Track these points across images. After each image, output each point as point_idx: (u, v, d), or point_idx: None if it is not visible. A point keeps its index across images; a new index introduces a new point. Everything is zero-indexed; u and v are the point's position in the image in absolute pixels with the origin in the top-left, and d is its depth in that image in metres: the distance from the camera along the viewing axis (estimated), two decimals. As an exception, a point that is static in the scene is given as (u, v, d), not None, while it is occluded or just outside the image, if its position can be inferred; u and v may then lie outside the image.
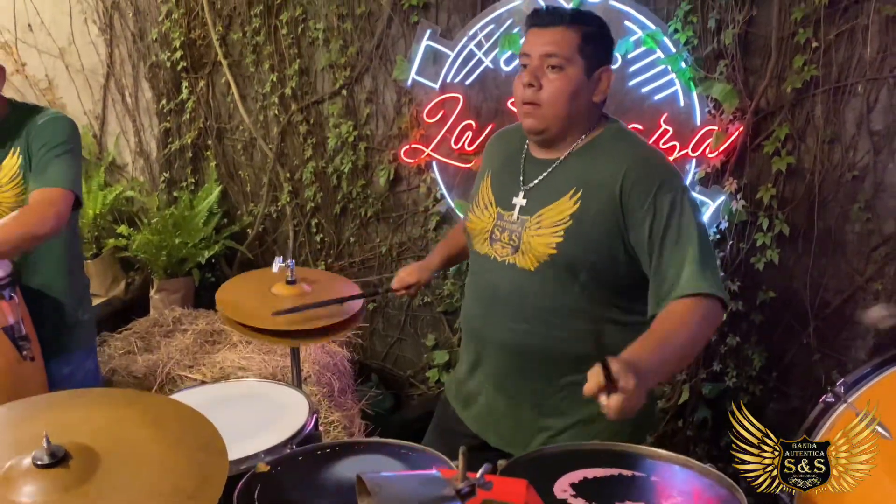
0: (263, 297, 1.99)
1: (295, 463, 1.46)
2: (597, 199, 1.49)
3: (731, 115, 2.53)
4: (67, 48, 3.53)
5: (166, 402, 1.35)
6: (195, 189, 3.48)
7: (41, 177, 1.84)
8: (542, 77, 1.50)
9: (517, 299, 1.56)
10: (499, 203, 1.62)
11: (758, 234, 2.59)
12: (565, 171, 1.55)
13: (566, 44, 1.48)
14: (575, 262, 1.50)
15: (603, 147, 1.54)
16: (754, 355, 2.70)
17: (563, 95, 1.49)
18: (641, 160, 1.50)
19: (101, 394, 1.38)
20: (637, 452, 1.43)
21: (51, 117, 1.93)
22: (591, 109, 1.55)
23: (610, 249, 1.50)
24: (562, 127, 1.53)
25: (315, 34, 3.06)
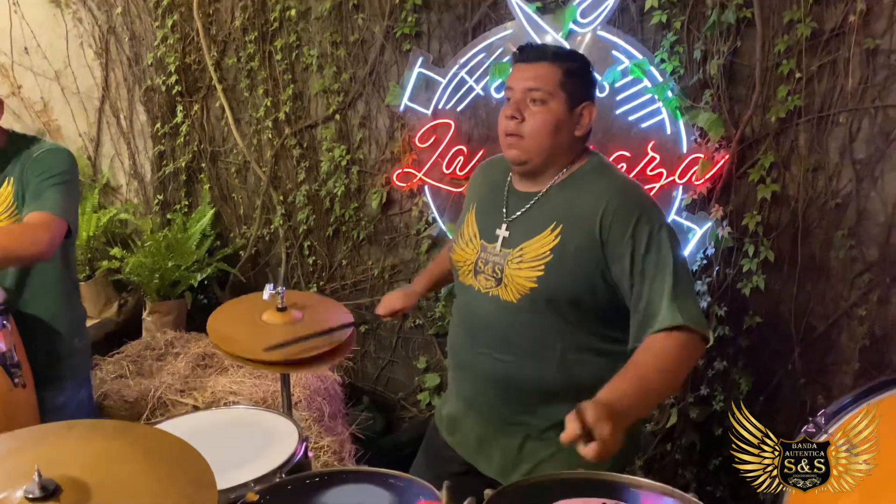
0: (254, 325, 2.00)
1: (284, 492, 1.48)
2: (577, 233, 1.53)
3: (717, 143, 2.58)
4: (63, 71, 3.57)
5: (156, 433, 1.36)
6: (189, 211, 3.51)
7: (36, 202, 1.86)
8: (525, 110, 1.54)
9: (501, 331, 1.59)
10: (482, 235, 1.66)
11: (744, 260, 2.63)
12: (546, 204, 1.58)
13: (549, 79, 1.52)
14: (556, 296, 1.53)
15: (583, 181, 1.58)
16: (741, 379, 2.73)
17: (546, 128, 1.53)
18: (619, 195, 1.53)
19: (91, 425, 1.39)
20: (623, 482, 1.45)
21: (48, 148, 1.95)
22: (573, 143, 1.59)
23: (590, 282, 1.53)
24: (543, 159, 1.56)
25: (309, 60, 3.10)
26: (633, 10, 2.62)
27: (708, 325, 1.56)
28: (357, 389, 3.36)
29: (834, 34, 2.39)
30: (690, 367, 1.51)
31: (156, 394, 2.45)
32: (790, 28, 2.41)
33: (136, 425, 1.41)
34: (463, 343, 1.69)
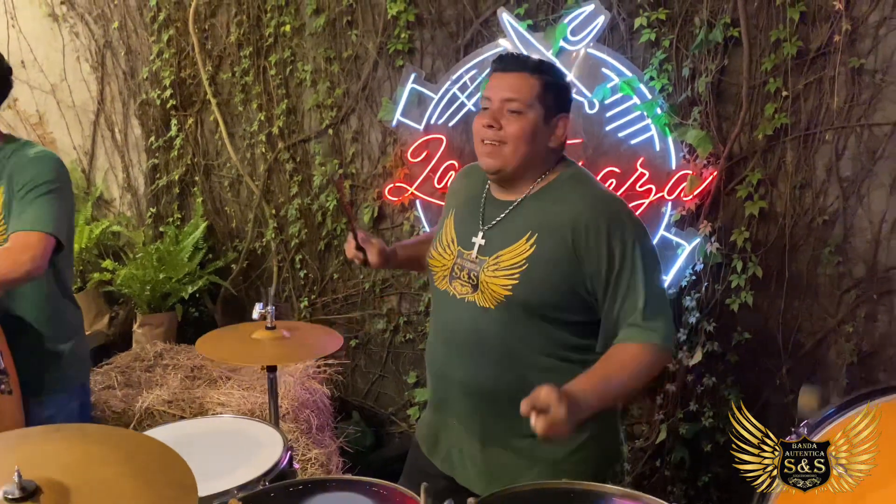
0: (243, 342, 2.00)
1: (267, 499, 1.48)
2: (551, 243, 1.54)
3: (706, 160, 2.60)
4: (59, 85, 3.59)
5: (140, 438, 1.37)
6: (181, 224, 3.52)
7: (19, 219, 1.82)
8: (502, 119, 1.56)
9: (477, 338, 1.60)
10: (460, 242, 1.67)
11: (732, 276, 2.64)
12: (522, 213, 1.60)
13: (527, 90, 1.54)
14: (530, 303, 1.55)
15: (558, 191, 1.60)
16: (730, 396, 2.73)
17: (522, 137, 1.55)
18: (592, 207, 1.55)
19: (75, 429, 1.39)
20: (605, 492, 1.46)
21: (35, 156, 1.90)
22: (548, 154, 1.61)
23: (564, 291, 1.55)
24: (518, 167, 1.58)
25: (303, 75, 3.13)
26: (622, 28, 2.66)
27: (675, 338, 1.60)
28: (347, 404, 3.35)
29: (820, 53, 2.43)
30: (652, 377, 1.56)
31: (143, 404, 2.44)
32: (777, 47, 2.46)
33: (120, 430, 1.41)
34: (440, 350, 1.69)
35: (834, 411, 1.53)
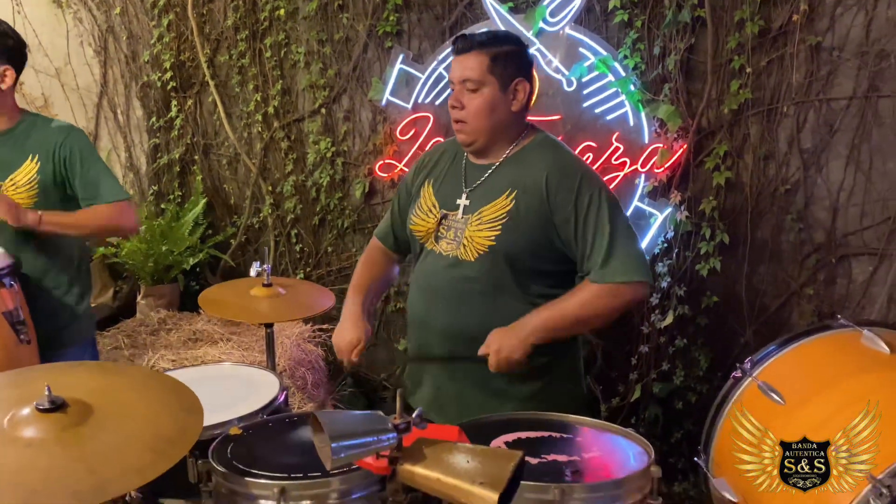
0: (242, 298, 2.17)
1: (265, 428, 1.65)
2: (528, 197, 1.72)
3: (676, 133, 2.77)
4: (63, 68, 3.74)
5: (153, 373, 1.54)
6: (182, 202, 3.67)
7: (104, 191, 2.12)
8: (464, 97, 1.74)
9: (458, 287, 1.78)
10: (443, 206, 1.84)
11: (701, 244, 2.81)
12: (501, 174, 1.78)
13: (477, 67, 1.72)
14: (511, 252, 1.72)
15: (531, 154, 1.78)
16: (700, 356, 2.90)
17: (482, 111, 1.73)
18: (561, 164, 1.75)
19: (94, 365, 1.56)
20: (568, 421, 1.63)
21: (68, 132, 2.14)
22: (513, 119, 1.78)
23: (542, 241, 1.73)
24: (488, 137, 1.77)
25: (297, 57, 3.29)
26: (597, 9, 2.81)
27: (646, 270, 1.75)
28: (341, 370, 3.51)
29: (780, 32, 2.59)
30: (619, 311, 1.74)
31: (149, 363, 2.60)
32: (740, 27, 2.61)
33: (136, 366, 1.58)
34: (421, 302, 1.87)
35: (774, 348, 1.71)
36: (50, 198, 2.11)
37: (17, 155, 2.08)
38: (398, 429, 1.18)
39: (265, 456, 1.49)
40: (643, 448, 1.48)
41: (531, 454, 1.44)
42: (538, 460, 1.42)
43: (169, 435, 1.30)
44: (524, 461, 1.16)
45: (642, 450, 1.48)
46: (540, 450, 1.47)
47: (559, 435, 1.56)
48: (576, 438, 1.55)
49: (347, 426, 1.15)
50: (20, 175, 2.07)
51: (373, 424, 1.17)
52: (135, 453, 1.24)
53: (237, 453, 1.50)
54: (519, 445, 1.50)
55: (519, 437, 1.54)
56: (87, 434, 1.26)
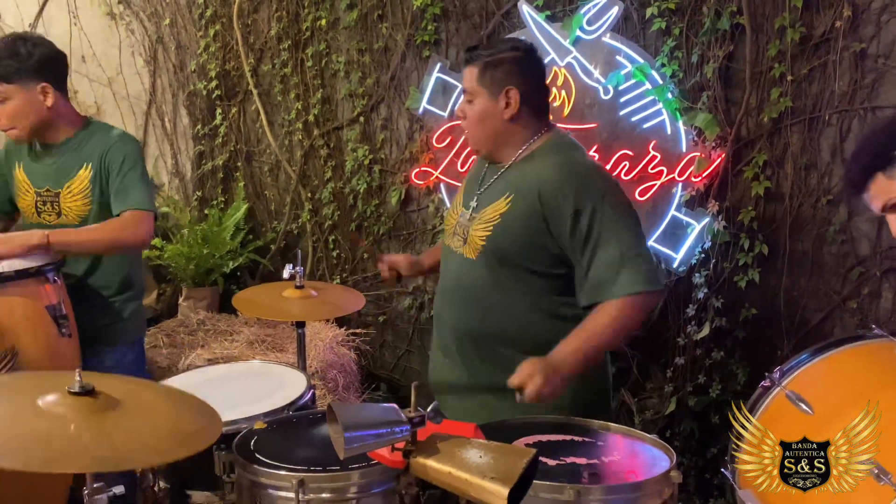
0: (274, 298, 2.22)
1: (289, 423, 1.67)
2: (523, 201, 1.72)
3: (714, 142, 2.73)
4: (115, 78, 3.89)
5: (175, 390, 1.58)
6: (225, 207, 3.77)
7: (127, 198, 2.10)
8: (466, 110, 1.78)
9: (462, 284, 1.82)
10: (463, 204, 1.89)
11: (739, 255, 2.76)
12: (506, 177, 1.80)
13: (470, 79, 1.76)
14: (500, 253, 1.74)
15: (537, 157, 1.77)
16: (738, 370, 2.84)
17: (474, 121, 1.77)
18: (560, 170, 1.70)
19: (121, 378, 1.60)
20: (591, 425, 1.62)
21: (122, 139, 2.19)
22: (510, 125, 1.76)
23: (534, 246, 1.72)
24: (488, 145, 1.80)
25: (337, 66, 3.35)
26: (635, 17, 2.80)
27: (658, 278, 1.71)
28: (375, 377, 3.55)
29: (823, 39, 2.54)
30: (638, 322, 1.73)
31: (185, 361, 2.67)
32: (781, 34, 2.57)
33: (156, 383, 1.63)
34: (440, 299, 1.92)
35: (805, 357, 1.66)
36: (103, 205, 2.15)
37: (73, 163, 2.14)
38: (412, 422, 1.19)
39: (287, 450, 1.51)
40: (665, 453, 1.46)
41: (550, 456, 1.43)
42: (556, 462, 1.41)
43: (189, 430, 1.33)
44: (537, 459, 1.15)
45: (664, 455, 1.46)
46: (559, 452, 1.46)
47: (581, 439, 1.55)
48: (597, 442, 1.53)
49: (361, 417, 1.16)
50: (75, 183, 2.14)
51: (387, 416, 1.18)
52: (156, 438, 1.28)
53: (260, 446, 1.53)
54: (538, 447, 1.48)
55: (539, 440, 1.54)
56: (113, 419, 1.30)
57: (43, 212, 2.16)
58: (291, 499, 1.36)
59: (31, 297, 1.95)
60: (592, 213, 1.66)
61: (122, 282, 2.26)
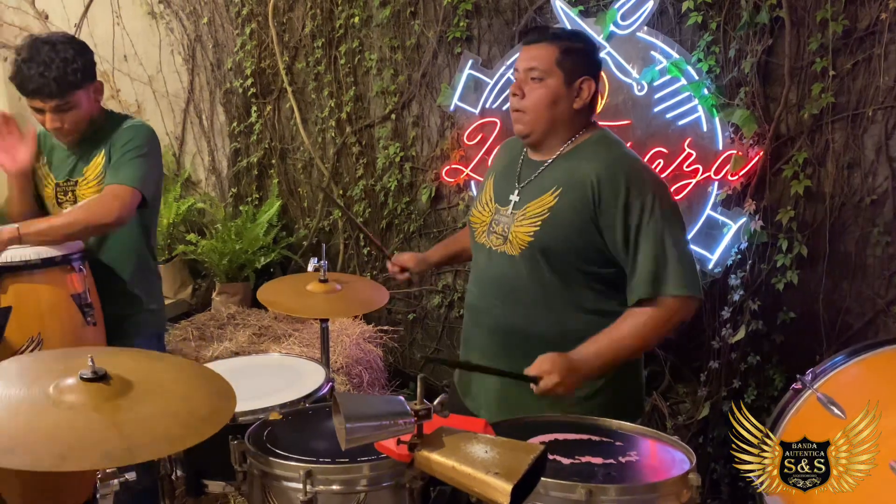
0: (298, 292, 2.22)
1: (305, 415, 1.67)
2: (572, 196, 1.68)
3: (751, 139, 2.64)
4: (155, 76, 3.96)
5: (192, 364, 1.58)
6: (259, 204, 3.80)
7: (115, 175, 2.10)
8: (526, 87, 1.71)
9: (503, 283, 1.75)
10: (497, 200, 1.83)
11: (778, 256, 2.67)
12: (552, 171, 1.74)
13: (545, 58, 1.69)
14: (548, 250, 1.68)
15: (585, 151, 1.73)
16: (775, 375, 2.74)
17: (543, 103, 1.70)
18: (613, 166, 1.67)
19: (142, 352, 1.62)
20: (610, 425, 1.57)
21: (133, 124, 2.20)
22: (573, 116, 1.73)
23: (582, 242, 1.68)
24: (544, 131, 1.73)
25: (369, 64, 3.35)
26: (671, 11, 2.73)
27: (698, 285, 1.66)
28: (404, 375, 3.53)
29: (868, 32, 2.44)
30: (676, 325, 1.65)
31: (212, 354, 2.69)
32: (823, 27, 2.48)
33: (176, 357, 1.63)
34: (476, 297, 1.85)
35: (840, 359, 1.59)
36: None
37: (90, 151, 2.18)
38: (418, 415, 1.17)
39: (300, 441, 1.50)
40: (685, 455, 1.41)
41: (565, 455, 1.39)
42: (570, 461, 1.37)
43: (202, 414, 1.33)
44: (545, 456, 1.12)
45: (684, 457, 1.40)
46: (575, 451, 1.42)
47: (598, 438, 1.50)
48: (615, 443, 1.49)
49: (365, 408, 1.14)
50: (90, 170, 2.17)
51: (392, 408, 1.16)
52: (167, 425, 1.28)
53: (273, 437, 1.53)
54: (553, 446, 1.45)
55: (556, 438, 1.50)
56: (125, 405, 1.31)
57: (64, 202, 2.19)
58: (300, 490, 1.35)
59: (57, 285, 1.98)
60: (641, 210, 1.63)
61: (135, 270, 2.25)
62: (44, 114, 2.06)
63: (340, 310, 2.19)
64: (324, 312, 2.20)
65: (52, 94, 2.00)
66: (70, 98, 2.04)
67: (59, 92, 2.00)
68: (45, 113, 2.05)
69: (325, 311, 2.20)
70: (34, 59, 1.97)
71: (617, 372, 1.75)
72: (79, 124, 2.11)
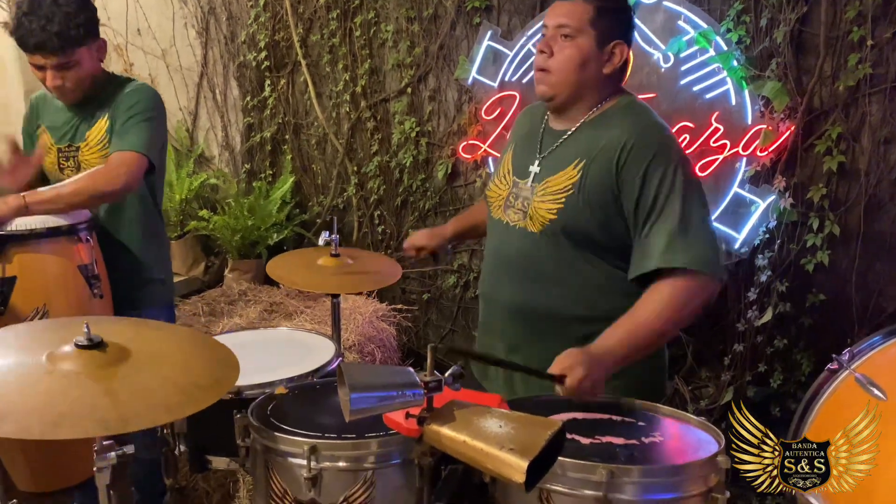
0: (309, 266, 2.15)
1: (312, 390, 1.60)
2: (597, 168, 1.57)
3: (782, 113, 2.53)
4: (169, 50, 3.89)
5: (193, 332, 1.52)
6: (273, 180, 3.74)
7: (120, 140, 2.03)
8: (555, 45, 1.59)
9: (524, 261, 1.65)
10: (516, 172, 1.72)
11: (808, 235, 2.56)
12: (575, 141, 1.63)
13: (578, 15, 1.57)
14: (572, 228, 1.58)
15: (611, 119, 1.61)
16: (803, 359, 2.64)
17: (572, 63, 1.58)
18: (640, 133, 1.56)
19: (138, 321, 1.56)
20: (633, 404, 1.49)
21: (137, 87, 2.12)
22: (602, 81, 1.62)
23: (606, 217, 1.57)
24: (570, 94, 1.61)
25: (385, 35, 3.26)
26: (699, -21, 2.62)
27: (721, 266, 1.55)
28: (418, 355, 3.46)
29: (910, -1, 2.31)
30: (697, 308, 1.52)
31: (222, 330, 2.64)
32: (862, -7, 2.35)
33: (178, 326, 1.57)
34: (492, 276, 1.76)
35: (878, 339, 1.49)
36: None
37: (92, 115, 2.11)
38: (427, 386, 1.09)
39: (306, 416, 1.44)
40: (713, 437, 1.32)
41: (584, 434, 1.31)
42: (590, 441, 1.29)
43: (202, 382, 1.27)
44: (563, 432, 1.04)
45: (712, 438, 1.32)
46: (595, 431, 1.33)
47: (620, 418, 1.42)
48: (638, 423, 1.40)
49: (370, 378, 1.07)
50: (92, 134, 2.10)
51: (399, 379, 1.08)
52: (164, 393, 1.22)
53: (278, 411, 1.46)
54: (573, 425, 1.37)
55: (574, 418, 1.42)
56: (121, 373, 1.25)
57: (65, 168, 2.13)
58: (304, 466, 1.29)
59: (64, 255, 1.92)
60: (661, 179, 1.52)
61: (144, 237, 2.19)
62: (44, 71, 1.98)
63: (352, 284, 2.11)
64: (335, 287, 2.12)
65: (53, 49, 1.93)
66: (72, 55, 1.96)
67: (60, 47, 1.93)
68: (45, 70, 1.98)
69: (337, 286, 2.12)
70: (35, 13, 1.90)
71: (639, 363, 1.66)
72: (81, 83, 2.04)
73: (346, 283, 2.14)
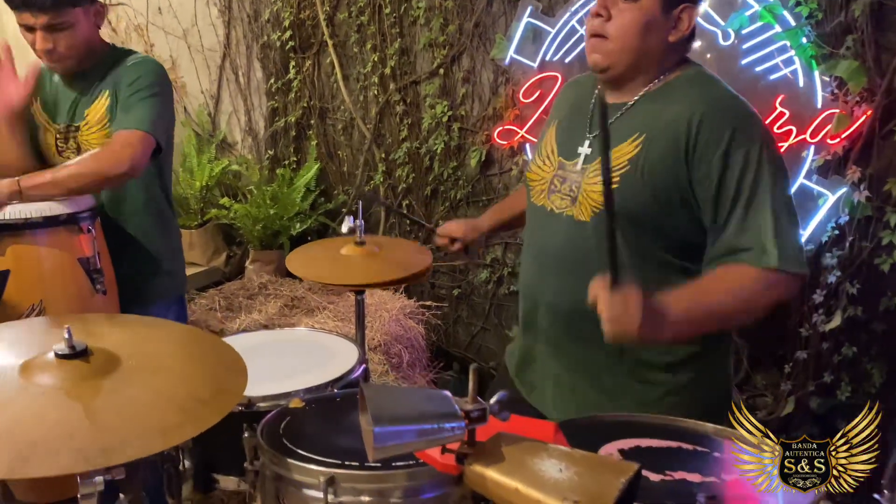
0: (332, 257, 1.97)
1: (331, 403, 1.41)
2: (660, 144, 1.34)
3: (858, 96, 2.27)
4: (190, 30, 3.73)
5: (195, 332, 1.34)
6: (297, 167, 3.56)
7: (124, 118, 1.85)
8: (613, 7, 1.37)
9: (569, 254, 1.43)
10: (561, 152, 1.50)
11: (884, 233, 2.31)
12: (633, 115, 1.41)
13: None
14: (628, 212, 1.34)
15: (676, 91, 1.39)
16: (874, 370, 2.40)
17: (633, 28, 1.35)
18: (715, 105, 1.33)
19: (136, 319, 1.39)
20: (706, 430, 1.27)
21: (140, 59, 1.94)
22: (666, 50, 1.39)
23: (667, 201, 1.35)
24: (629, 65, 1.38)
25: (416, 13, 3.05)
26: (765, -53, 2.36)
27: (804, 259, 1.34)
28: (448, 355, 3.27)
29: None
30: (769, 307, 1.31)
31: (239, 326, 2.47)
32: (956, -41, 2.09)
33: (177, 323, 1.38)
34: (531, 269, 1.55)
35: None
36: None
37: (92, 92, 1.93)
38: (469, 416, 0.88)
39: (324, 436, 1.24)
40: (809, 476, 1.10)
41: (652, 469, 1.10)
42: (661, 477, 1.08)
43: (204, 396, 1.08)
44: (640, 477, 0.83)
45: (807, 478, 1.09)
46: (665, 464, 1.12)
47: (692, 447, 1.20)
48: (713, 453, 1.18)
49: (399, 406, 0.86)
50: (92, 112, 1.92)
51: (434, 408, 0.88)
52: (160, 412, 1.04)
53: (292, 430, 1.27)
54: (637, 455, 1.16)
55: (638, 446, 1.20)
56: (108, 387, 1.07)
57: (64, 150, 1.95)
58: (320, 499, 1.09)
59: (62, 247, 1.75)
60: (746, 160, 1.29)
61: (152, 222, 2.02)
62: (34, 32, 1.80)
63: (379, 273, 1.91)
64: (360, 278, 1.93)
65: (43, 6, 1.74)
66: (64, 14, 1.78)
67: (52, 4, 1.75)
68: (34, 31, 1.80)
69: (362, 276, 1.93)
70: None
71: (703, 361, 1.45)
72: (74, 49, 1.85)
73: (372, 272, 1.94)
